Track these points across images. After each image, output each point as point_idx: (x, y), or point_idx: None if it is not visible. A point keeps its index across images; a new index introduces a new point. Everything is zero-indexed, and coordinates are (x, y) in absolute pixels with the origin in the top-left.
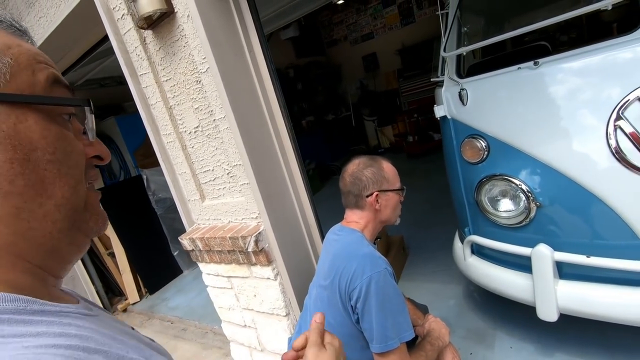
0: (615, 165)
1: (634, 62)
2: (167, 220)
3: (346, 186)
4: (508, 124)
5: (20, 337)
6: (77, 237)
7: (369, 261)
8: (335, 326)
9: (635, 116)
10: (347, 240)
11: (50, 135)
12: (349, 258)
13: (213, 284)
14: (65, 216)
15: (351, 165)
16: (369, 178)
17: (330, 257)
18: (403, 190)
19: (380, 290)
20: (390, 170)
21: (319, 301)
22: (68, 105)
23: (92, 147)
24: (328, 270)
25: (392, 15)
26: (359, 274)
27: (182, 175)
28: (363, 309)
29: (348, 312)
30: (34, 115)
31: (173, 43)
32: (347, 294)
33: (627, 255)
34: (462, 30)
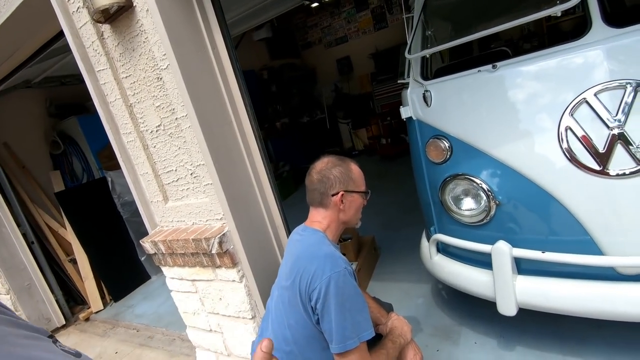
0: (567, 165)
1: (582, 66)
2: (133, 224)
3: (313, 183)
4: (469, 125)
5: None
6: None
7: (329, 261)
8: (296, 327)
9: (584, 117)
10: (309, 240)
11: None
12: (310, 258)
13: (177, 288)
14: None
15: (320, 163)
16: (336, 177)
17: (293, 258)
18: (368, 193)
19: (339, 290)
20: (357, 173)
21: (280, 303)
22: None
23: None
24: (289, 271)
25: (365, 19)
26: (318, 275)
27: (144, 176)
28: (322, 309)
29: (308, 313)
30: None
31: (132, 38)
32: (307, 294)
33: (579, 250)
34: (427, 33)
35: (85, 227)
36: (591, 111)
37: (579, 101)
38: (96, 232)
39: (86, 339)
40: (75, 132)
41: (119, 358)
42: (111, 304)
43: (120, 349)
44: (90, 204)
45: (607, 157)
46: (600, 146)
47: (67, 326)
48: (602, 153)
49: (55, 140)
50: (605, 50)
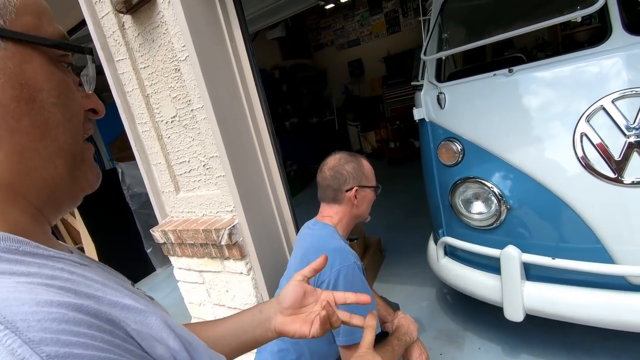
0: (581, 171)
1: (600, 73)
2: (141, 216)
3: (326, 179)
4: (482, 128)
5: (10, 275)
6: (73, 188)
7: (339, 255)
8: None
9: (600, 124)
10: (319, 234)
11: (55, 79)
12: (319, 251)
13: (184, 278)
14: (65, 162)
15: (332, 159)
16: (349, 173)
17: (303, 250)
18: (379, 188)
19: (348, 283)
20: (369, 168)
21: None
22: (73, 51)
23: (89, 99)
24: (299, 264)
25: (378, 23)
26: (328, 267)
27: (157, 166)
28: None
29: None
30: (39, 58)
31: (153, 29)
32: (316, 286)
33: (590, 258)
34: (443, 36)
35: (94, 216)
36: (608, 118)
37: (596, 108)
38: (104, 222)
39: None
40: None
41: None
42: None
43: None
44: (100, 194)
45: (622, 165)
46: (616, 154)
47: None
48: (617, 161)
49: None
50: (624, 57)
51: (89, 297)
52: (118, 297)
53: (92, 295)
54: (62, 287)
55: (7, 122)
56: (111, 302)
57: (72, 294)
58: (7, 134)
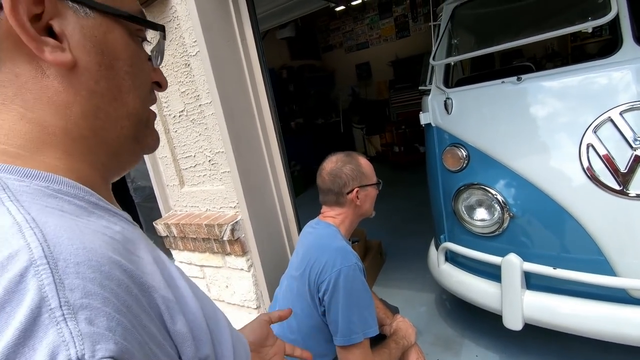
0: (586, 182)
1: (609, 84)
2: (144, 209)
3: (325, 184)
4: (489, 135)
5: (74, 217)
6: (136, 148)
7: (340, 255)
8: (302, 317)
9: (607, 136)
10: (321, 233)
11: (130, 50)
12: (321, 250)
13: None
14: (132, 124)
15: (328, 162)
16: (348, 175)
17: (304, 248)
18: (380, 183)
19: (348, 284)
20: (367, 165)
21: (289, 292)
22: (149, 27)
23: (155, 73)
24: (300, 262)
25: (388, 27)
26: (329, 267)
27: (163, 160)
28: (330, 301)
29: (315, 303)
30: (120, 29)
31: (165, 24)
32: (316, 285)
33: (592, 270)
34: (452, 42)
35: None
36: (615, 130)
37: (604, 119)
38: None
39: None
40: None
41: None
42: None
43: None
44: None
45: (628, 177)
46: (622, 166)
47: None
48: (623, 173)
49: None
50: (634, 69)
51: (131, 255)
52: (155, 265)
53: (133, 255)
54: (112, 239)
55: (88, 84)
56: (148, 264)
57: (117, 249)
58: (87, 94)
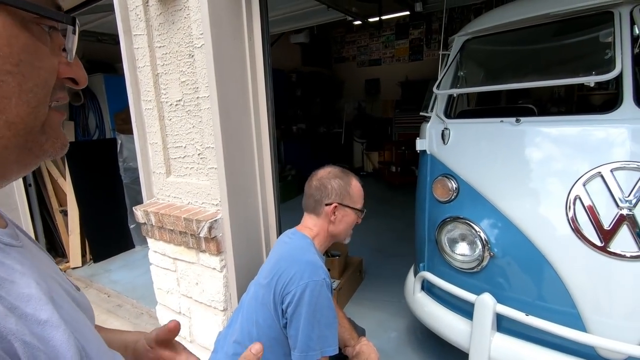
0: (569, 233)
1: (604, 140)
2: (131, 190)
3: (310, 188)
4: (481, 171)
5: None
6: (26, 156)
7: (310, 268)
8: (263, 327)
9: (595, 190)
10: (296, 244)
11: (18, 44)
12: (292, 262)
13: (157, 263)
14: (15, 134)
15: (322, 170)
16: (333, 188)
17: (276, 257)
18: (363, 212)
19: (313, 299)
20: (357, 189)
21: (254, 299)
22: (46, 17)
23: (69, 67)
24: (269, 270)
25: (402, 47)
26: (296, 279)
27: (153, 146)
28: (293, 314)
29: (278, 314)
30: (3, 17)
31: (175, 12)
32: (281, 296)
33: (563, 322)
34: (459, 73)
35: (84, 182)
36: (604, 186)
37: (594, 174)
38: (94, 189)
39: None
40: (99, 89)
41: None
42: (90, 264)
43: None
44: (95, 161)
45: (611, 235)
46: (606, 223)
47: None
48: (606, 230)
49: (78, 92)
50: (631, 129)
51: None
52: (23, 301)
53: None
54: None
55: None
56: (11, 305)
57: None
58: None
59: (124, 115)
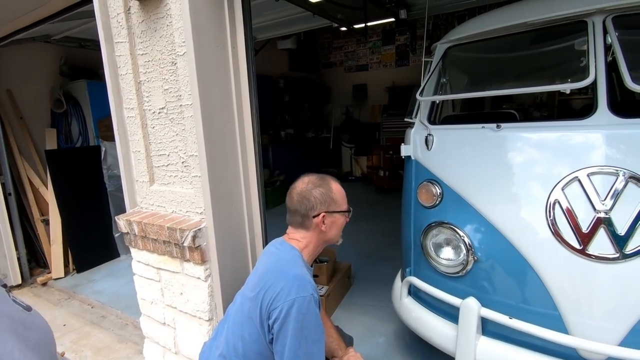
0: (549, 237)
1: (581, 145)
2: (116, 198)
3: (293, 204)
4: (463, 177)
5: None
6: None
7: (297, 284)
8: (249, 342)
9: (573, 195)
10: (283, 256)
11: None
12: (279, 276)
13: (141, 273)
14: None
15: (300, 183)
16: (317, 198)
17: (263, 269)
18: (349, 212)
19: (301, 315)
20: (339, 191)
21: (240, 312)
22: None
23: None
24: (256, 283)
25: (389, 53)
26: (283, 295)
27: (136, 154)
28: (279, 330)
29: (264, 330)
30: None
31: (157, 19)
32: (268, 311)
33: (546, 324)
34: (442, 80)
35: (66, 190)
36: (582, 190)
37: (572, 178)
38: (77, 198)
39: (38, 304)
40: (82, 95)
41: (65, 331)
42: (73, 274)
43: (69, 323)
44: (78, 169)
45: (589, 238)
46: (584, 226)
47: (22, 287)
48: (584, 233)
49: (60, 99)
50: (605, 135)
51: None
52: None
53: None
54: None
55: None
56: None
57: None
58: None
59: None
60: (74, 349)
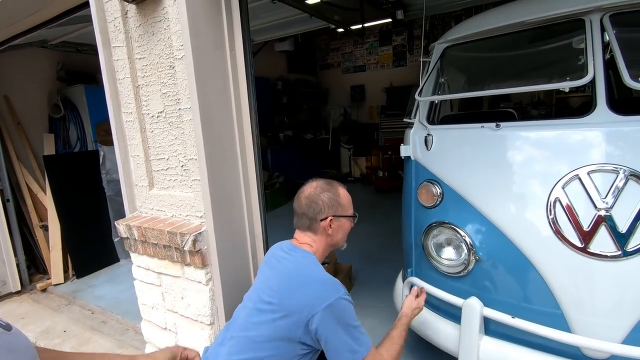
0: (550, 235)
1: (581, 143)
2: (115, 203)
3: (301, 207)
4: (463, 176)
5: None
6: None
7: (329, 286)
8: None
9: (574, 193)
10: (303, 262)
11: None
12: (307, 281)
13: (141, 277)
14: None
15: (308, 187)
16: (324, 202)
17: (279, 275)
18: (355, 217)
19: (341, 312)
20: (345, 197)
21: (256, 316)
22: None
23: None
24: (277, 288)
25: (386, 54)
26: (321, 299)
27: (135, 158)
28: (327, 332)
29: (296, 334)
30: None
31: (155, 23)
32: (309, 318)
33: (548, 323)
34: (440, 80)
35: (65, 195)
36: (582, 188)
37: (572, 176)
38: (75, 203)
39: (38, 311)
40: (79, 100)
41: (66, 337)
42: (72, 280)
43: (69, 329)
44: (77, 174)
45: (590, 236)
46: (585, 224)
47: (21, 293)
48: (586, 231)
49: (57, 104)
50: (605, 133)
51: None
52: None
53: None
54: None
55: None
56: None
57: None
58: None
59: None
60: None
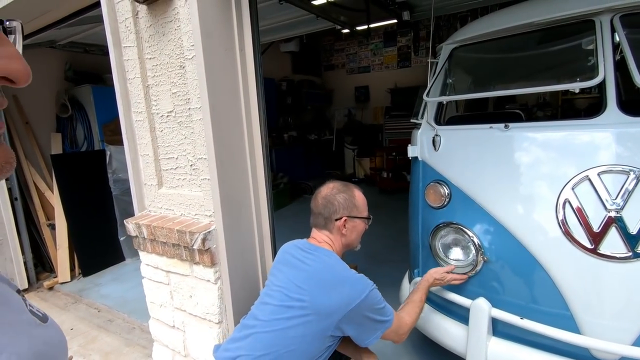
0: (560, 236)
1: (591, 144)
2: (121, 202)
3: (318, 207)
4: (472, 177)
5: None
6: None
7: (359, 282)
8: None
9: (584, 194)
10: (328, 261)
11: None
12: (339, 282)
13: (150, 276)
14: None
15: (325, 188)
16: (340, 203)
17: (308, 275)
18: (369, 219)
19: (374, 303)
20: (361, 199)
21: (283, 313)
22: None
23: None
24: (308, 288)
25: (390, 55)
26: (356, 295)
27: (144, 157)
28: (362, 321)
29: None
30: None
31: (165, 23)
32: (344, 312)
33: (557, 324)
34: (448, 81)
35: (72, 194)
36: (592, 189)
37: (582, 177)
38: (82, 202)
39: (45, 309)
40: (87, 100)
41: (73, 335)
42: (79, 278)
43: (76, 327)
44: (84, 173)
45: (600, 237)
46: (595, 225)
47: (28, 291)
48: (596, 232)
49: (65, 104)
50: (615, 134)
51: None
52: None
53: None
54: None
55: None
56: None
57: None
58: None
59: (113, 126)
60: (82, 353)
